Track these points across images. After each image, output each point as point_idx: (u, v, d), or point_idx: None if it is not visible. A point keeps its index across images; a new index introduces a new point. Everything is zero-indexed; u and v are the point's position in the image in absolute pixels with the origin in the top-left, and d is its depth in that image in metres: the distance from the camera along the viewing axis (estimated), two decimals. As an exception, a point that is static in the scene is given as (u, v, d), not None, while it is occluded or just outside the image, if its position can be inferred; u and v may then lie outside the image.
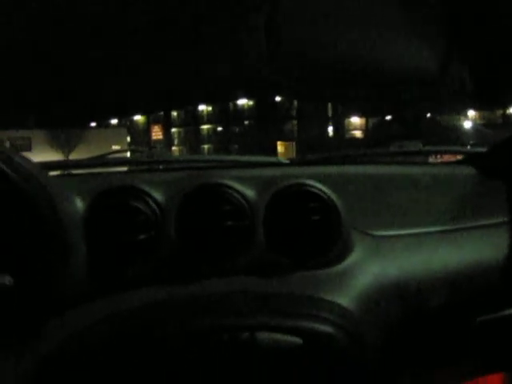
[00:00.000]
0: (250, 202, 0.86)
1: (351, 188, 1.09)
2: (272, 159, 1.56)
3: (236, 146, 31.08)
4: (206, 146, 34.15)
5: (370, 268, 0.92)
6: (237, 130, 32.11)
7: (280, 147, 28.91)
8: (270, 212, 0.87)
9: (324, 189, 0.88)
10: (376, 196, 1.09)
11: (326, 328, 0.82)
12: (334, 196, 0.88)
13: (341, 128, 30.26)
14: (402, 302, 0.92)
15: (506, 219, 1.18)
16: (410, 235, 1.03)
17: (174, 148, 34.50)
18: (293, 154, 27.11)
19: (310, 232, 0.86)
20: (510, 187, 1.33)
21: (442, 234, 1.06)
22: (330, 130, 29.75)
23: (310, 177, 1.00)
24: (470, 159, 1.52)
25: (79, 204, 0.84)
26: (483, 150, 1.71)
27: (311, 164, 1.41)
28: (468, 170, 1.37)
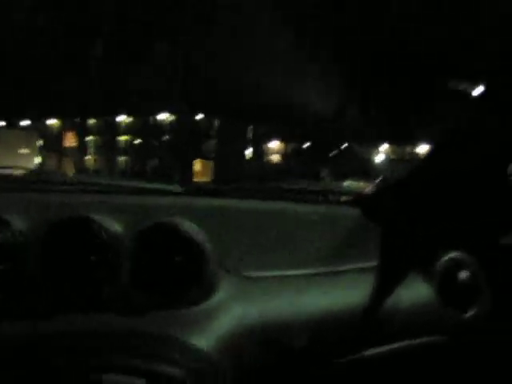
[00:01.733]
0: (115, 238, 0.85)
1: (231, 223, 1.10)
2: (164, 187, 1.55)
3: (152, 161, 30.45)
4: (122, 158, 33.20)
5: (233, 309, 0.93)
6: (155, 144, 31.52)
7: (197, 165, 28.77)
8: (137, 248, 0.86)
9: (192, 229, 0.89)
10: (253, 234, 1.11)
11: (174, 370, 0.82)
12: (202, 236, 0.89)
13: (259, 151, 30.69)
14: (265, 345, 0.93)
15: (375, 264, 1.24)
16: (278, 277, 1.05)
17: (87, 157, 33.23)
18: (210, 173, 27.05)
19: (174, 272, 0.86)
20: (384, 232, 1.41)
21: (312, 276, 1.10)
22: (249, 152, 30.06)
23: (195, 209, 1.00)
24: (355, 200, 1.59)
25: None
26: (369, 192, 1.80)
27: (203, 195, 1.41)
28: (351, 212, 1.43)
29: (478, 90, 1.32)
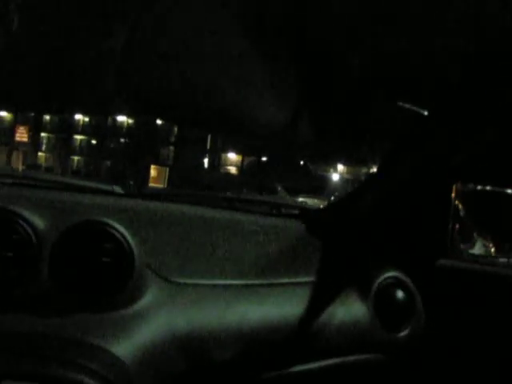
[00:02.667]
0: (38, 233, 0.81)
1: (166, 228, 1.07)
2: (104, 187, 1.50)
3: (108, 163, 30.03)
4: (75, 158, 32.48)
5: (159, 316, 0.90)
6: (111, 145, 31.07)
7: (153, 171, 28.48)
8: (61, 245, 0.82)
9: (122, 230, 0.85)
10: (187, 240, 1.08)
11: (83, 378, 0.77)
12: (131, 238, 0.86)
13: (217, 161, 30.74)
14: (189, 355, 0.90)
15: (312, 279, 1.24)
16: (210, 286, 1.03)
17: (40, 154, 32.31)
18: (165, 180, 26.86)
19: (99, 272, 0.83)
20: (325, 247, 1.41)
21: (246, 287, 1.08)
22: (206, 161, 30.08)
23: (131, 211, 0.96)
24: (301, 215, 1.59)
25: None
26: (317, 207, 1.80)
27: (144, 198, 1.38)
28: (298, 225, 1.43)
29: (426, 112, 1.35)
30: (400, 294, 1.34)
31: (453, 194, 1.54)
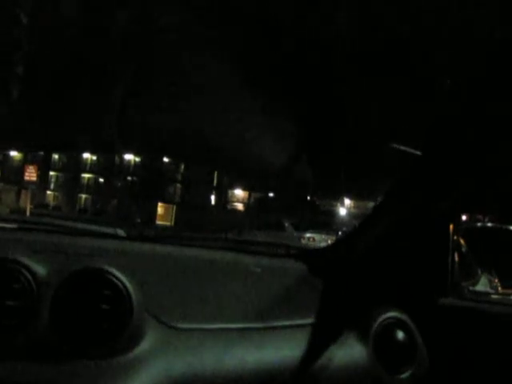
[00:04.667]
0: (39, 281, 0.83)
1: (166, 271, 1.09)
2: (108, 230, 1.52)
3: (115, 201, 30.16)
4: (83, 196, 32.68)
5: (157, 362, 0.90)
6: (119, 184, 31.29)
7: (160, 209, 28.54)
8: (61, 293, 0.84)
9: (121, 277, 0.87)
10: (186, 284, 1.10)
11: None
12: (130, 284, 0.88)
13: (223, 198, 30.78)
14: None
15: (312, 321, 1.24)
16: (209, 330, 1.04)
17: (48, 192, 32.54)
18: (172, 217, 26.87)
19: (98, 320, 0.84)
20: (325, 288, 1.41)
21: (244, 331, 1.09)
22: (213, 198, 30.14)
23: (133, 255, 0.98)
24: (304, 255, 1.60)
25: None
26: (319, 247, 1.81)
27: (147, 241, 1.40)
28: (298, 266, 1.44)
29: (419, 152, 1.38)
30: (400, 334, 1.33)
31: (451, 231, 1.55)
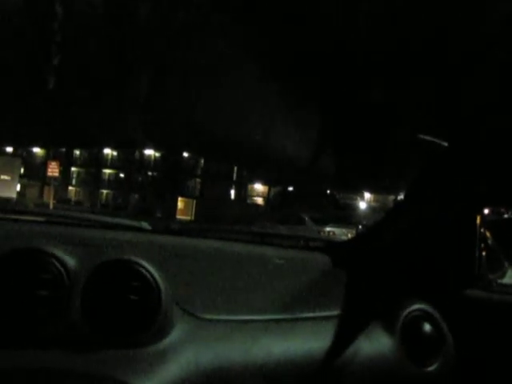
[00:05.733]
0: (70, 272, 0.84)
1: (193, 264, 1.09)
2: (133, 223, 1.54)
3: (136, 196, 30.48)
4: (104, 191, 33.09)
5: (186, 353, 0.91)
6: (139, 179, 31.58)
7: (180, 203, 28.75)
8: (91, 283, 0.85)
9: (150, 268, 0.88)
10: (213, 276, 1.10)
11: None
12: (159, 275, 0.88)
13: (243, 193, 30.86)
14: None
15: (337, 312, 1.24)
16: (236, 321, 1.04)
17: (70, 188, 33.02)
18: (192, 212, 27.05)
19: (127, 310, 0.85)
20: (351, 280, 1.41)
21: (271, 322, 1.09)
22: (232, 193, 30.24)
23: (159, 248, 0.99)
24: (327, 247, 1.59)
25: None
26: (342, 240, 1.80)
27: (171, 234, 1.41)
28: (322, 258, 1.43)
29: (446, 144, 1.37)
30: (427, 326, 1.32)
31: (478, 223, 1.52)
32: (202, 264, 1.12)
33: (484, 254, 1.63)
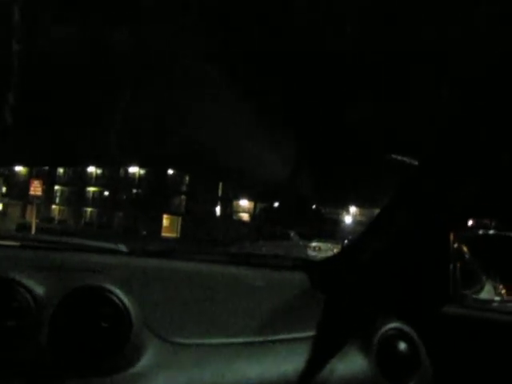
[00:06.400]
0: (38, 300, 0.83)
1: (166, 286, 1.09)
2: (109, 246, 1.53)
3: (121, 214, 30.22)
4: (88, 209, 32.76)
5: (157, 378, 0.91)
6: (124, 197, 31.36)
7: (166, 221, 28.56)
8: (60, 311, 0.85)
9: (120, 294, 0.88)
10: (187, 299, 1.10)
11: None
12: (130, 301, 0.88)
13: (229, 209, 30.78)
14: None
15: (313, 333, 1.24)
16: (210, 345, 1.03)
17: (54, 206, 32.65)
18: (177, 229, 26.88)
19: (97, 337, 0.85)
20: (327, 300, 1.41)
21: (245, 345, 1.08)
22: (218, 209, 30.15)
23: (133, 270, 0.98)
24: (305, 266, 1.60)
25: None
26: (321, 259, 1.81)
27: (149, 255, 1.40)
28: (300, 277, 1.44)
29: (417, 162, 1.39)
30: (403, 345, 1.32)
31: (451, 240, 1.54)
32: (176, 286, 1.12)
33: (460, 269, 1.65)
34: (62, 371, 0.84)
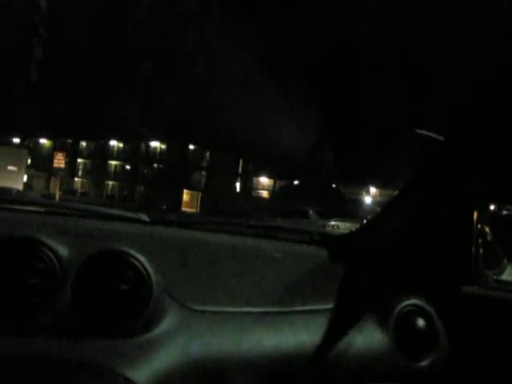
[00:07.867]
0: (62, 262, 0.85)
1: (185, 255, 1.10)
2: (130, 215, 1.55)
3: (141, 188, 30.53)
4: (110, 183, 33.17)
5: (176, 343, 0.92)
6: (145, 171, 31.63)
7: (185, 196, 28.79)
8: (83, 273, 0.86)
9: (142, 258, 0.89)
10: (206, 268, 1.11)
11: None
12: (151, 266, 0.89)
13: (248, 186, 30.85)
14: (202, 380, 0.92)
15: (330, 306, 1.24)
16: (227, 313, 1.05)
17: (76, 179, 33.14)
18: (197, 204, 27.10)
19: (118, 300, 0.86)
20: (345, 275, 1.41)
21: (263, 315, 1.09)
22: (238, 186, 30.23)
23: (154, 239, 1.00)
24: (324, 241, 1.60)
25: None
26: (340, 234, 1.80)
27: (169, 225, 1.41)
28: (318, 252, 1.44)
29: (443, 138, 1.36)
30: (421, 321, 1.32)
31: (475, 219, 1.52)
32: (196, 255, 1.13)
33: (482, 250, 1.62)
34: (83, 331, 0.86)
